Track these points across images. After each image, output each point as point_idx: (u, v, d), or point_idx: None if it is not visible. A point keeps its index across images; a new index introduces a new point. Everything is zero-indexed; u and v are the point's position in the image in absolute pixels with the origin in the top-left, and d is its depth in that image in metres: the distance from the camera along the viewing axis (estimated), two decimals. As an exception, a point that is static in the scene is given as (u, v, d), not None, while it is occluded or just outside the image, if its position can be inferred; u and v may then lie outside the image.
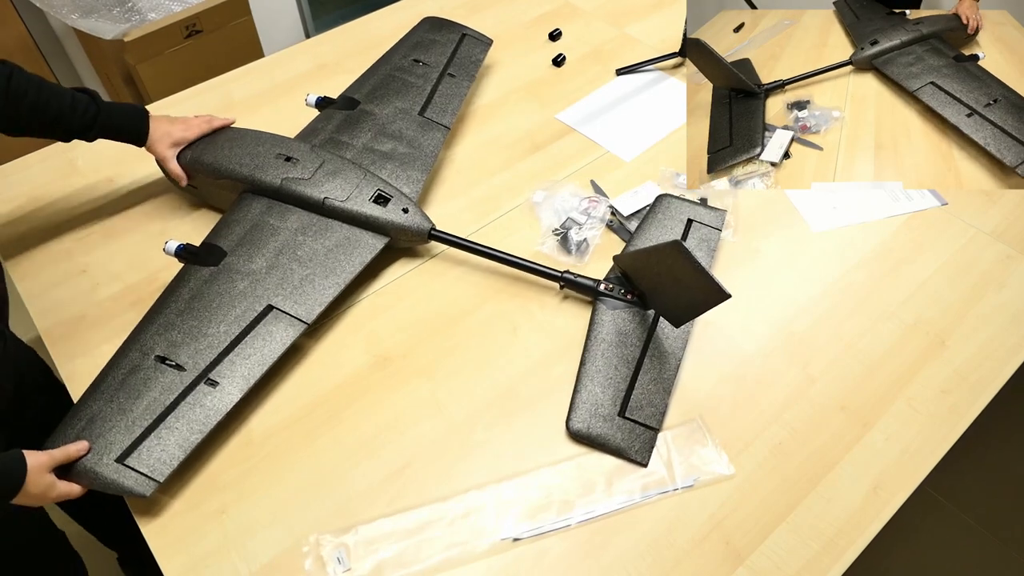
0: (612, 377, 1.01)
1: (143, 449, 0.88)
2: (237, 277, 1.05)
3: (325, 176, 1.15)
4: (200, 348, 0.97)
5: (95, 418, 0.90)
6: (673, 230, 1.20)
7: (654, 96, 1.55)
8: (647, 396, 1.00)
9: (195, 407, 0.92)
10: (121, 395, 0.92)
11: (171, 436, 0.90)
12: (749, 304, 1.15)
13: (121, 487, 0.86)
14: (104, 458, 0.87)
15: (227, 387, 0.94)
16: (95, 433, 0.89)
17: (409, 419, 1.02)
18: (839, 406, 1.03)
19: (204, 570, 0.87)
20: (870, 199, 1.31)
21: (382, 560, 0.87)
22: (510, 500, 0.93)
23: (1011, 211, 1.29)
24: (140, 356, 0.96)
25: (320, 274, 1.07)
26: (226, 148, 1.18)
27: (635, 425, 0.98)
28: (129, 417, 0.90)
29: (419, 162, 1.27)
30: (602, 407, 0.99)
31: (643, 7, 1.80)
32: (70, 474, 0.87)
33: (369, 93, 1.37)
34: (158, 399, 0.92)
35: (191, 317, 1.00)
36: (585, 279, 1.11)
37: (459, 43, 1.52)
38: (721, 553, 0.89)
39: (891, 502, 0.94)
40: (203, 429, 0.91)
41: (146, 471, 0.87)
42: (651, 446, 0.97)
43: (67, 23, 2.07)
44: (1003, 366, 1.08)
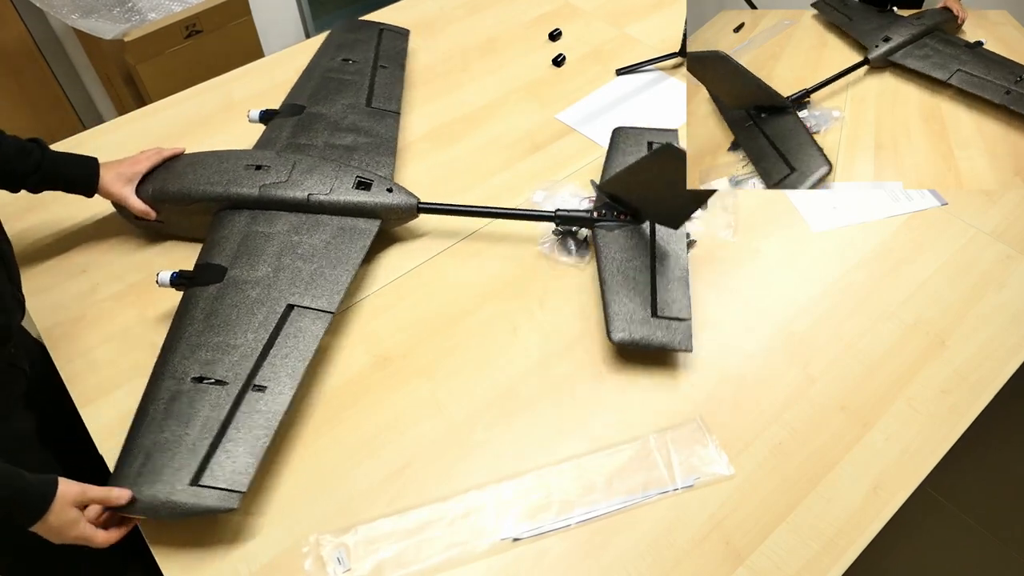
0: (633, 287, 1.08)
1: (214, 466, 0.86)
2: (247, 287, 1.03)
3: (302, 175, 1.15)
4: (235, 360, 0.95)
5: (151, 452, 0.87)
6: (640, 153, 1.28)
7: (654, 96, 1.55)
8: (670, 294, 1.07)
9: (251, 414, 0.91)
10: (171, 423, 0.89)
11: (238, 447, 0.88)
12: (749, 304, 1.16)
13: (205, 508, 0.84)
14: (177, 486, 0.84)
15: (276, 388, 0.94)
16: (157, 466, 0.86)
17: (409, 419, 1.02)
18: (839, 406, 1.03)
19: (204, 570, 0.87)
20: (870, 199, 1.31)
21: (382, 560, 0.87)
22: (510, 500, 0.93)
23: (1011, 211, 1.29)
24: (176, 382, 0.93)
25: (328, 266, 1.08)
26: (190, 173, 1.16)
27: (669, 321, 1.05)
28: (188, 440, 0.88)
29: (383, 147, 1.29)
30: (635, 314, 1.05)
31: (643, 7, 1.80)
32: (134, 510, 0.83)
33: (311, 96, 1.37)
34: (211, 416, 0.90)
35: (214, 334, 0.98)
36: (577, 212, 1.17)
37: (379, 38, 1.55)
38: (721, 553, 0.89)
39: (891, 502, 0.94)
40: (267, 433, 0.90)
41: (225, 486, 0.85)
42: (689, 334, 1.04)
43: (67, 23, 2.07)
44: (1003, 366, 1.08)
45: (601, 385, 1.05)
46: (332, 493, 0.94)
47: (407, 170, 1.39)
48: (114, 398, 1.03)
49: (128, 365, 1.08)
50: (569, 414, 1.02)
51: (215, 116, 1.50)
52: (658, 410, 1.02)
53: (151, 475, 0.85)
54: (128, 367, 1.07)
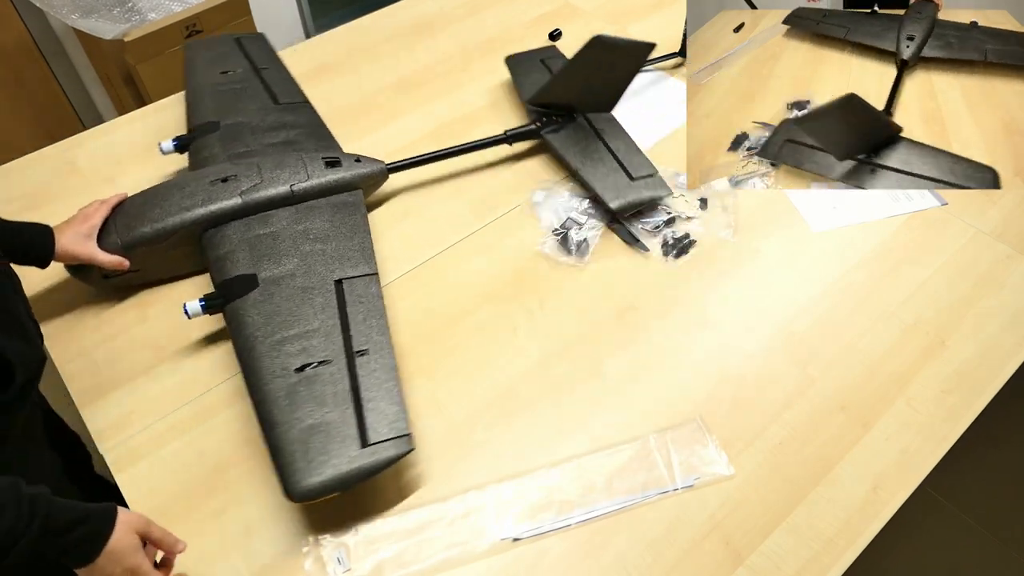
0: (603, 166, 1.29)
1: (371, 425, 0.90)
2: (287, 280, 1.04)
3: (272, 172, 1.15)
4: (322, 341, 0.97)
5: (307, 442, 0.88)
6: (537, 71, 1.48)
7: (654, 96, 1.55)
8: (632, 160, 1.30)
9: (370, 375, 0.95)
10: (305, 411, 0.90)
11: (379, 403, 0.92)
12: (749, 304, 1.16)
13: (388, 459, 0.88)
14: (352, 453, 0.88)
15: (375, 347, 0.98)
16: (322, 448, 0.87)
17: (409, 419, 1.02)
18: (839, 406, 1.03)
19: (204, 570, 0.87)
20: (870, 199, 1.31)
21: (382, 560, 0.87)
22: (510, 500, 0.93)
23: (1011, 211, 1.29)
24: (283, 379, 0.93)
25: (344, 239, 1.11)
26: (155, 209, 1.10)
27: (644, 179, 1.27)
28: (333, 417, 0.90)
29: (318, 132, 1.31)
30: (618, 183, 1.26)
31: (643, 7, 1.80)
32: (327, 490, 0.85)
33: (217, 111, 1.31)
34: (337, 390, 0.93)
35: (286, 328, 0.99)
36: (523, 127, 1.35)
37: (241, 46, 1.51)
38: (721, 553, 0.89)
39: (891, 502, 0.94)
40: (394, 382, 0.95)
41: (392, 435, 0.90)
42: (663, 182, 1.27)
43: (67, 23, 2.07)
44: (1003, 366, 1.08)
45: (601, 385, 1.05)
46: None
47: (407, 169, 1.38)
48: (114, 398, 1.04)
49: (128, 365, 1.08)
50: (569, 414, 1.02)
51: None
52: (658, 410, 1.02)
53: (322, 457, 0.87)
54: (128, 367, 1.07)
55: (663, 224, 1.26)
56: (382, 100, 1.54)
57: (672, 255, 1.22)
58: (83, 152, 1.43)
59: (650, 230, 1.25)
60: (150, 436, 1.00)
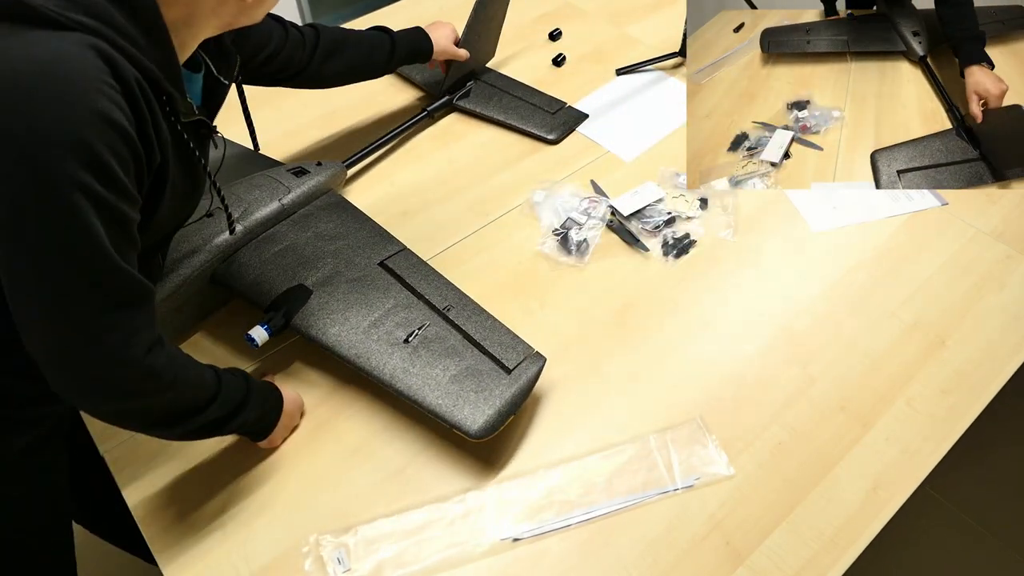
0: (522, 110, 1.48)
1: (503, 358, 0.98)
2: (335, 279, 1.06)
3: (250, 195, 1.12)
4: (408, 313, 1.03)
5: (459, 390, 0.95)
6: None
7: (654, 96, 1.56)
8: (540, 99, 1.52)
9: (468, 320, 1.03)
10: (439, 368, 0.97)
11: (494, 338, 1.01)
12: (749, 304, 1.16)
13: (534, 375, 0.97)
14: (502, 382, 0.95)
15: (456, 299, 1.06)
16: (474, 389, 0.95)
17: (409, 419, 1.02)
18: (839, 406, 1.03)
19: (204, 570, 0.88)
20: (870, 199, 1.31)
21: (382, 560, 0.87)
22: (510, 500, 0.93)
23: (1011, 211, 1.29)
24: (399, 350, 0.99)
25: (356, 230, 1.14)
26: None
27: (562, 111, 1.50)
28: (465, 363, 0.98)
29: (252, 155, 1.26)
30: (544, 120, 1.47)
31: (643, 7, 1.80)
32: (499, 422, 0.93)
33: None
34: (453, 343, 1.00)
35: (366, 314, 1.02)
36: (439, 100, 1.47)
37: None
38: (721, 553, 0.89)
39: (891, 502, 0.94)
40: (492, 321, 1.04)
41: (523, 356, 0.99)
42: (576, 111, 1.50)
43: (67, 23, 2.07)
44: (1003, 366, 1.08)
45: (601, 385, 1.05)
46: (332, 493, 0.94)
47: (407, 170, 1.39)
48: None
49: (128, 365, 1.07)
50: (569, 414, 1.02)
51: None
52: (658, 410, 1.02)
53: (483, 395, 0.94)
54: (128, 367, 1.07)
55: (663, 224, 1.26)
56: (382, 99, 1.54)
57: (672, 255, 1.22)
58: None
59: (650, 230, 1.25)
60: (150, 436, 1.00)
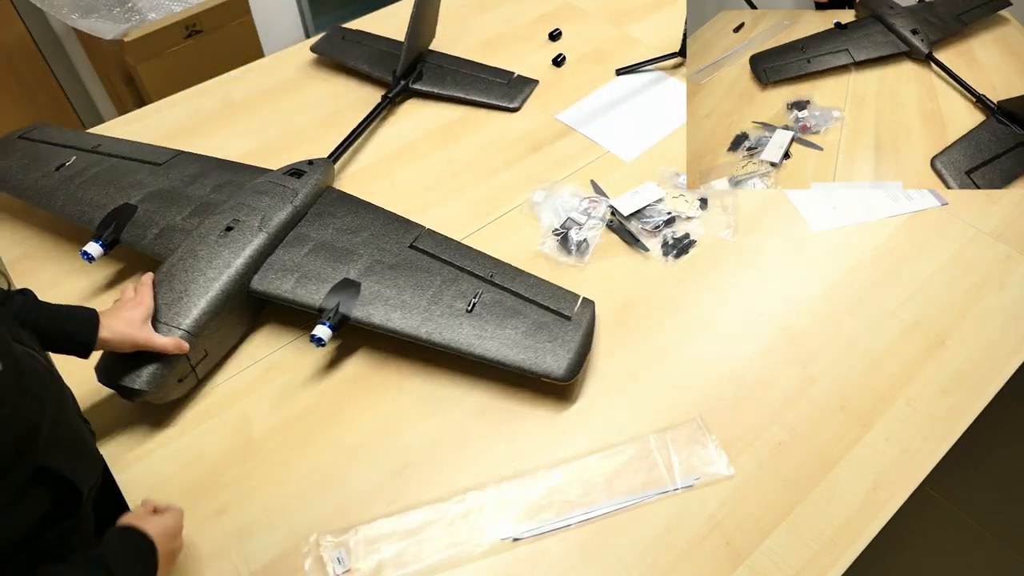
0: (478, 84, 1.54)
1: (559, 308, 1.06)
2: (376, 267, 1.09)
3: (261, 202, 1.12)
4: (458, 287, 1.07)
5: (534, 342, 1.02)
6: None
7: (654, 96, 1.56)
8: (488, 72, 1.58)
9: (514, 282, 1.09)
10: (508, 328, 1.03)
11: (544, 293, 1.08)
12: (749, 304, 1.16)
13: (591, 319, 1.05)
14: (569, 328, 1.03)
15: (495, 266, 1.12)
16: (547, 338, 1.02)
17: (409, 419, 1.02)
18: (839, 406, 1.03)
19: (204, 570, 0.87)
20: (870, 199, 1.31)
21: (382, 560, 0.87)
22: (510, 500, 0.93)
23: (1011, 211, 1.29)
24: (466, 321, 1.03)
25: (373, 220, 1.17)
26: (194, 283, 1.02)
27: (513, 80, 1.56)
28: (531, 318, 1.04)
29: (230, 164, 1.26)
30: (501, 91, 1.53)
31: (643, 7, 1.80)
32: (576, 365, 1.00)
33: (105, 200, 1.17)
34: (512, 303, 1.06)
35: (420, 294, 1.06)
36: (395, 92, 1.49)
37: (33, 139, 1.31)
38: (721, 553, 0.89)
39: (891, 502, 0.94)
40: (531, 276, 1.11)
41: (577, 303, 1.07)
42: (523, 77, 1.58)
43: (67, 23, 2.07)
44: (1003, 366, 1.08)
45: (601, 385, 1.05)
46: (332, 493, 0.94)
47: (407, 170, 1.39)
48: (114, 398, 1.03)
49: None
50: (569, 414, 1.02)
51: (215, 116, 1.50)
52: (658, 410, 1.02)
53: (557, 342, 1.01)
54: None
55: (663, 224, 1.26)
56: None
57: (672, 255, 1.22)
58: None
59: (650, 230, 1.25)
60: (150, 436, 1.00)
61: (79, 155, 1.26)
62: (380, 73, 1.55)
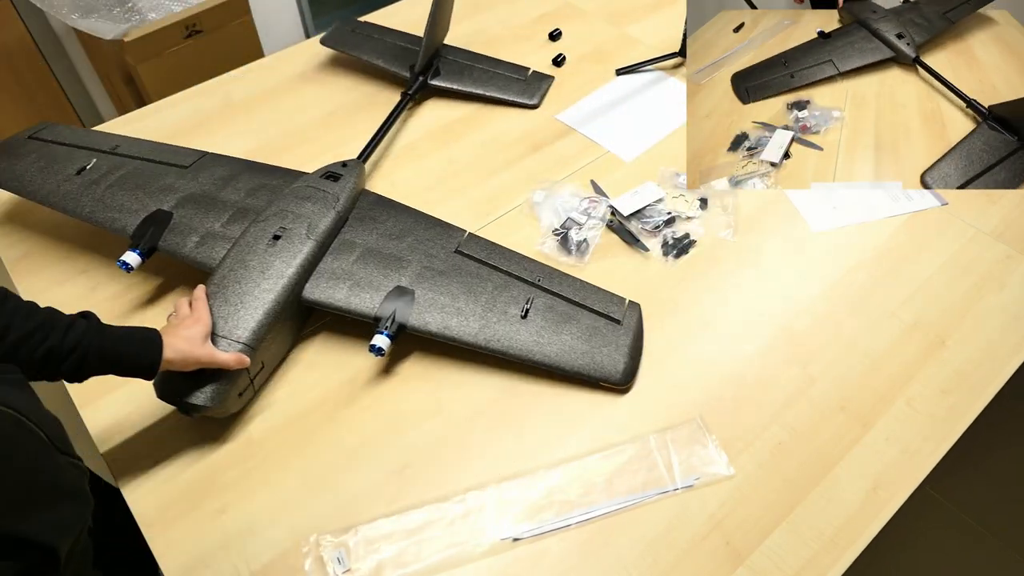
0: (496, 81, 1.54)
1: (607, 312, 1.08)
2: (425, 274, 1.08)
3: (303, 209, 1.11)
4: (509, 292, 1.08)
5: (590, 348, 1.03)
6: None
7: (654, 96, 1.56)
8: (506, 68, 1.58)
9: (561, 287, 1.11)
10: (565, 333, 1.04)
11: (591, 298, 1.10)
12: (749, 304, 1.16)
13: (639, 319, 1.09)
14: (619, 331, 1.06)
15: (541, 271, 1.13)
16: (601, 343, 1.04)
17: (409, 419, 1.02)
18: (839, 406, 1.03)
19: (204, 570, 0.87)
20: (870, 199, 1.31)
21: (382, 560, 0.87)
22: (510, 500, 0.93)
23: (1011, 211, 1.29)
24: (522, 327, 1.04)
25: (414, 223, 1.17)
26: (249, 295, 0.99)
27: (532, 76, 1.57)
28: (583, 323, 1.06)
29: (257, 166, 1.24)
30: (519, 88, 1.54)
31: (643, 7, 1.80)
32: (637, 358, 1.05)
33: (135, 206, 1.14)
34: (563, 308, 1.08)
35: (474, 301, 1.06)
36: (415, 88, 1.48)
37: (44, 139, 1.27)
38: (721, 553, 0.89)
39: (891, 502, 0.94)
40: (576, 279, 1.12)
41: (624, 305, 1.10)
42: (540, 74, 1.58)
43: (67, 23, 2.07)
44: (1003, 366, 1.08)
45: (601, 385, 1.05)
46: (332, 493, 0.94)
47: (407, 170, 1.39)
48: (114, 398, 1.03)
49: (128, 365, 1.08)
50: (569, 414, 1.02)
51: (215, 116, 1.50)
52: (658, 410, 1.02)
53: (611, 347, 1.04)
54: (128, 367, 1.07)
55: (663, 224, 1.26)
56: (382, 100, 1.54)
57: (672, 255, 1.22)
58: (83, 152, 1.43)
59: (650, 230, 1.25)
60: (150, 436, 1.00)
61: (99, 157, 1.21)
62: (396, 68, 1.53)
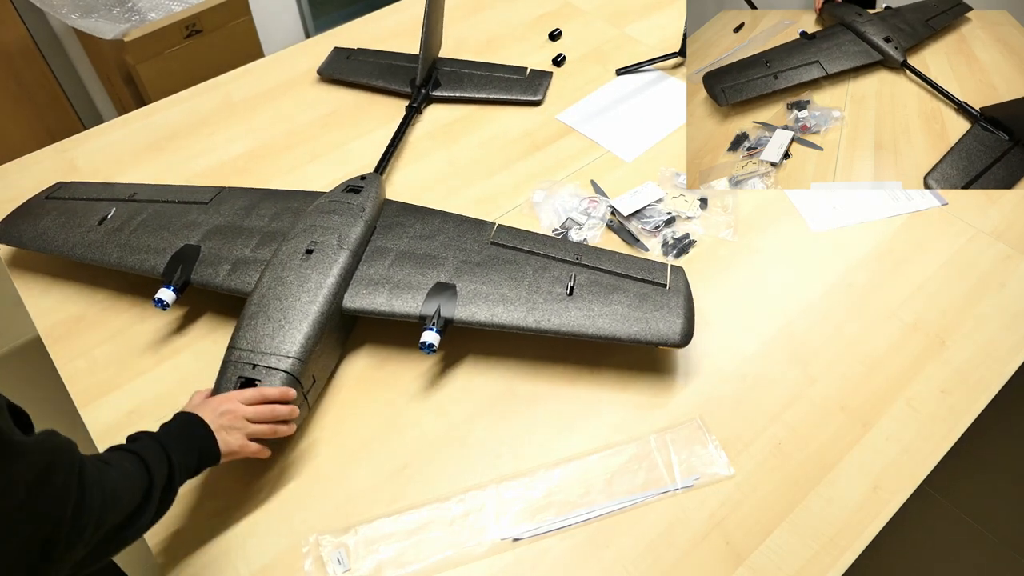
0: (498, 83, 1.55)
1: (653, 279, 1.07)
2: (465, 268, 1.08)
3: (331, 222, 1.10)
4: (550, 274, 1.08)
5: (643, 314, 1.02)
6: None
7: (654, 96, 1.56)
8: (504, 71, 1.59)
9: (600, 260, 1.10)
10: (613, 304, 1.04)
11: (633, 268, 1.09)
12: (749, 304, 1.16)
13: (686, 283, 1.07)
14: (669, 295, 1.04)
15: (578, 248, 1.13)
16: (653, 308, 1.03)
17: (409, 419, 1.02)
18: (839, 406, 1.03)
19: (204, 570, 0.87)
20: (870, 199, 1.31)
21: (382, 560, 0.87)
22: (510, 500, 0.93)
23: (1011, 211, 1.29)
24: (570, 304, 1.04)
25: (442, 223, 1.17)
26: (292, 311, 0.98)
27: (532, 75, 1.58)
28: (631, 292, 1.05)
29: (275, 193, 1.23)
30: (521, 87, 1.55)
31: (643, 7, 1.80)
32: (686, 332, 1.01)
33: (161, 245, 1.13)
34: (607, 280, 1.07)
35: (517, 289, 1.06)
36: (419, 101, 1.50)
37: (61, 198, 1.26)
38: (721, 553, 0.89)
39: (891, 502, 0.94)
40: (615, 253, 1.12)
41: (668, 270, 1.08)
42: (537, 71, 1.59)
43: (67, 23, 2.07)
44: (1003, 366, 1.08)
45: (601, 385, 1.05)
46: (332, 493, 0.94)
47: (407, 170, 1.39)
48: (114, 398, 1.04)
49: (128, 365, 1.08)
50: (569, 414, 1.02)
51: (215, 116, 1.50)
52: (658, 410, 1.02)
53: (664, 311, 1.03)
54: (128, 367, 1.07)
55: (663, 224, 1.26)
56: (381, 100, 1.54)
57: (672, 255, 1.22)
58: (83, 152, 1.43)
59: (650, 230, 1.25)
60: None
61: (119, 205, 1.21)
62: (397, 85, 1.55)
